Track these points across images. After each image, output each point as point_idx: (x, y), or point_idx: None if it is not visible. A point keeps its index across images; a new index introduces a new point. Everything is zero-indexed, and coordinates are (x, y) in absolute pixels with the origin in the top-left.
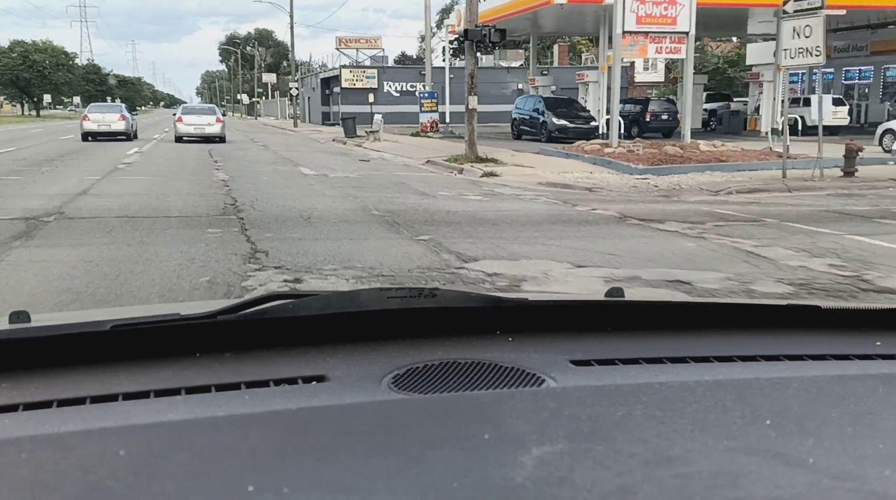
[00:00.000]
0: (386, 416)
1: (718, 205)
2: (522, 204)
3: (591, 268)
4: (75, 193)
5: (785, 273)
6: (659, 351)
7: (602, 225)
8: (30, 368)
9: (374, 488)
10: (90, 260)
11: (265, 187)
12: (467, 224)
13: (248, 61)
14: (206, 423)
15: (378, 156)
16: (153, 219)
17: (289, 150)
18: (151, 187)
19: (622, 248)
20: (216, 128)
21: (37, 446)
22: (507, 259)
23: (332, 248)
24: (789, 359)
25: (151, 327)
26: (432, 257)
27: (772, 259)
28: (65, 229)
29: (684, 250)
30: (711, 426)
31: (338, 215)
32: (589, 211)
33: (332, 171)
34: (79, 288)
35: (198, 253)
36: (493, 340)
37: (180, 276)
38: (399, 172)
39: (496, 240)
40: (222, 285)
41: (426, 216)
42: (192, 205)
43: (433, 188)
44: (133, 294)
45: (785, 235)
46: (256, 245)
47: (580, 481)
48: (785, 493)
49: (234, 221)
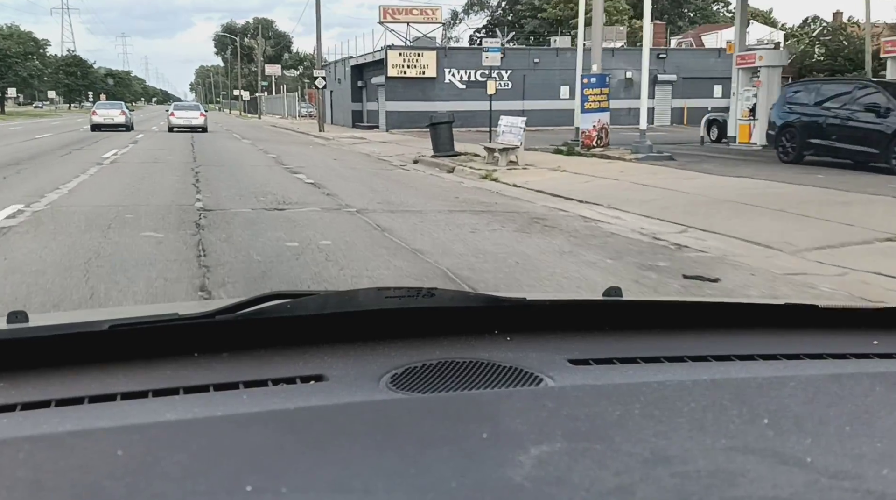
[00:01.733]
0: (384, 415)
1: None
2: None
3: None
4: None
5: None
6: (657, 350)
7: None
8: (27, 368)
9: (373, 487)
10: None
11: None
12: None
13: (246, 54)
14: (205, 423)
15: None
16: (158, 163)
17: (372, 193)
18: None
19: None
20: (200, 121)
21: (35, 446)
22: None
23: None
24: (787, 358)
25: (149, 327)
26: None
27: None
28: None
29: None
30: (709, 426)
31: None
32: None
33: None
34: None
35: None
36: (491, 339)
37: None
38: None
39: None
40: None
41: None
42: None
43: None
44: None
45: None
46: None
47: (578, 480)
48: (783, 492)
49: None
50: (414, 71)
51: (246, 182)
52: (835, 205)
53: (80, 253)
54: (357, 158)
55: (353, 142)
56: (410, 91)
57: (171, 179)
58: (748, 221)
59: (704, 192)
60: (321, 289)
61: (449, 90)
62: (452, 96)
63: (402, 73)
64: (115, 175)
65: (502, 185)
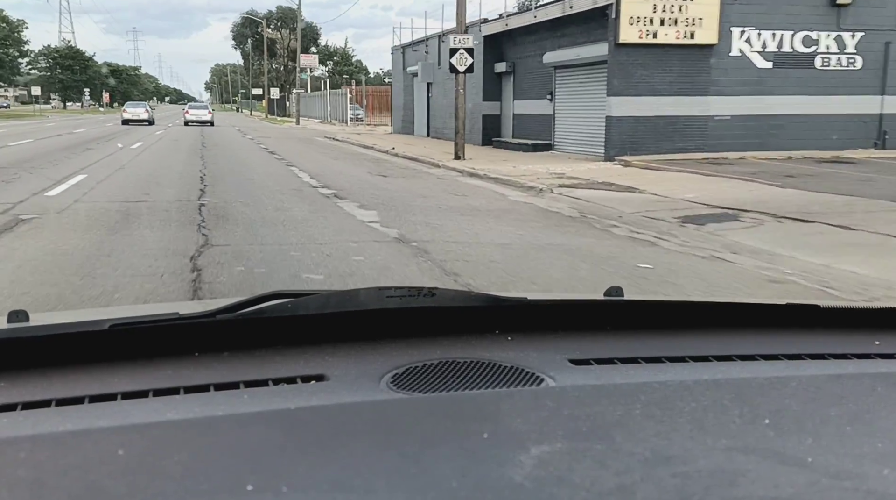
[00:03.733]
0: (385, 415)
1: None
2: None
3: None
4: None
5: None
6: (658, 350)
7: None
8: (28, 367)
9: (374, 487)
10: (174, 140)
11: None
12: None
13: (269, 46)
14: (205, 422)
15: None
16: (180, 147)
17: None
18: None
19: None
20: (208, 117)
21: (35, 445)
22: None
23: None
24: (788, 358)
25: (150, 327)
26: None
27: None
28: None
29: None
30: (710, 426)
31: None
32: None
33: None
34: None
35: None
36: (492, 339)
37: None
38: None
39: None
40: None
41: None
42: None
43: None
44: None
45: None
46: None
47: (579, 480)
48: (783, 492)
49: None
50: (673, 32)
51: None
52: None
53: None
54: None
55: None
56: (660, 75)
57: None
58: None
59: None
60: (323, 289)
61: (738, 71)
62: (743, 84)
63: (646, 37)
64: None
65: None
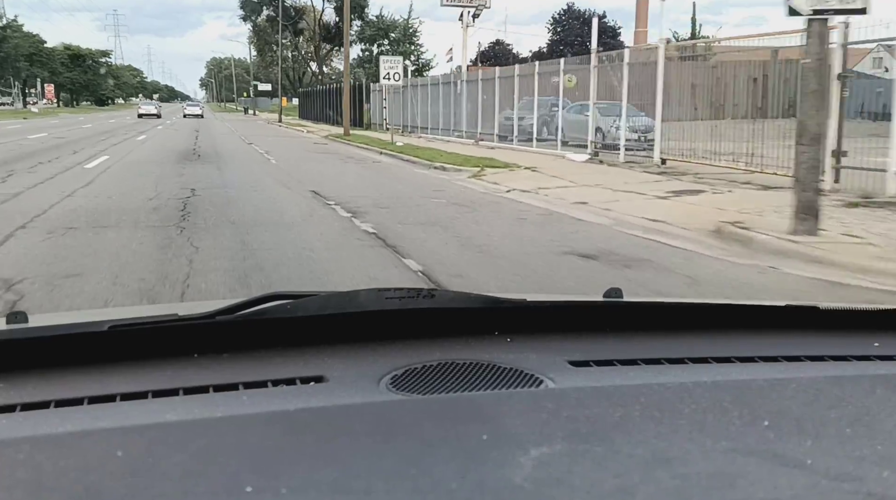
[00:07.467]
0: (384, 417)
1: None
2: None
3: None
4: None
5: None
6: (657, 352)
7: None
8: (27, 368)
9: (373, 488)
10: (177, 128)
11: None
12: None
13: (291, 23)
14: (204, 424)
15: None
16: (182, 130)
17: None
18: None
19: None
20: (200, 112)
21: (34, 446)
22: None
23: None
24: (787, 360)
25: (149, 328)
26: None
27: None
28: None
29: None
30: (710, 427)
31: None
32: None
33: None
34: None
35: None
36: (491, 340)
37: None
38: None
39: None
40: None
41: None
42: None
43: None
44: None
45: None
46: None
47: (578, 482)
48: (783, 494)
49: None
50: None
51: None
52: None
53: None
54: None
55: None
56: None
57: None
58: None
59: None
60: (322, 291)
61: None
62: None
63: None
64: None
65: None
